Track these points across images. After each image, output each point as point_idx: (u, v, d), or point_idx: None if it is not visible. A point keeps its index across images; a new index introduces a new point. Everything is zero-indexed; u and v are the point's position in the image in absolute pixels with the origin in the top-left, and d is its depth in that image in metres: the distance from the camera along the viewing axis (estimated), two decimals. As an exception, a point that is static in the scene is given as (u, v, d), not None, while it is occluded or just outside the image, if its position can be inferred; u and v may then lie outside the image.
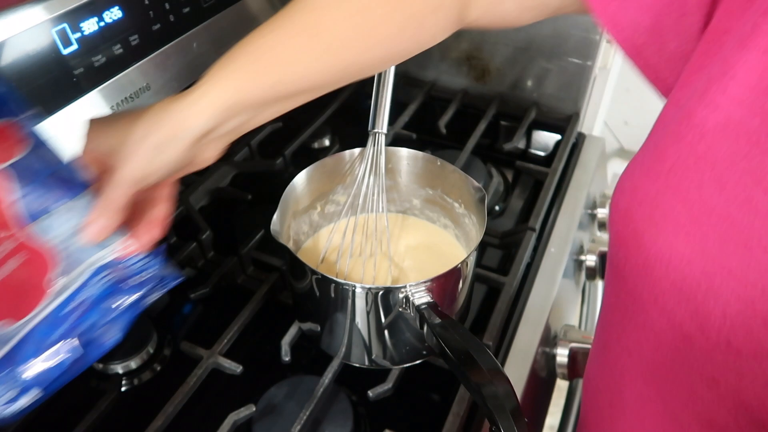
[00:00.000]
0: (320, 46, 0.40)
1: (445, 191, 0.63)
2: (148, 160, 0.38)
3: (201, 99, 0.38)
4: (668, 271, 0.35)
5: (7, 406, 0.38)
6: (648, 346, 0.40)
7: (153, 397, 0.58)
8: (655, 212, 0.35)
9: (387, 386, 0.56)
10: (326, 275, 0.50)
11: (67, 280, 0.40)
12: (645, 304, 0.38)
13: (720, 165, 0.32)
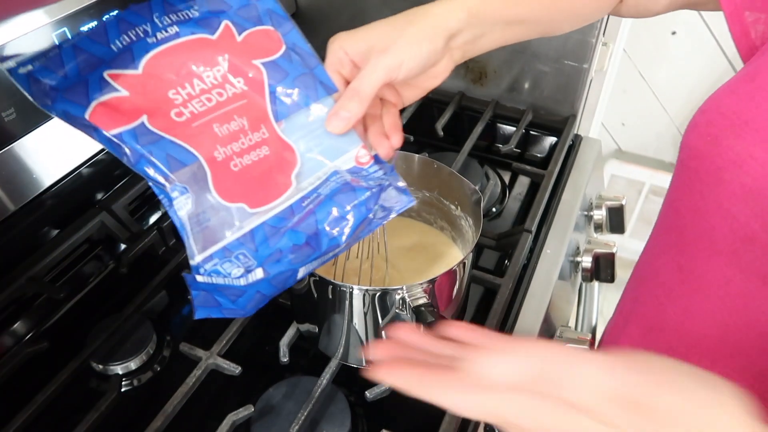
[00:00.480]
0: None
1: (442, 193, 0.64)
2: (409, 47, 0.42)
3: (451, 2, 0.44)
4: (740, 173, 0.38)
5: (240, 279, 0.41)
6: (704, 257, 0.44)
7: (152, 397, 0.59)
8: (736, 121, 0.39)
9: (384, 387, 0.57)
10: (324, 277, 0.51)
11: (304, 183, 0.42)
12: (709, 214, 0.42)
13: None
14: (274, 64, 0.43)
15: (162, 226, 0.71)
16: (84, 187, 0.73)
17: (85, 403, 0.55)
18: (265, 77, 0.43)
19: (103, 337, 0.60)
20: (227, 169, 0.42)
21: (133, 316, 0.63)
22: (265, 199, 0.42)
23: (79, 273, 0.70)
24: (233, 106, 0.43)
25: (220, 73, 0.42)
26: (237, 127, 0.42)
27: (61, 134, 0.64)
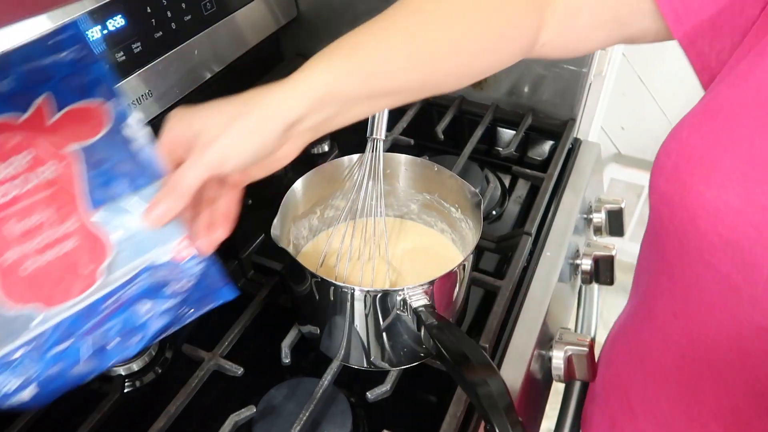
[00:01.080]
0: (412, 47, 0.42)
1: (442, 196, 0.64)
2: (234, 143, 0.38)
3: (298, 85, 0.39)
4: (716, 222, 0.35)
5: (5, 398, 0.36)
6: (693, 303, 0.41)
7: (155, 398, 0.59)
8: (703, 165, 0.36)
9: (385, 388, 0.57)
10: (325, 278, 0.51)
11: (114, 276, 0.38)
12: (691, 263, 0.39)
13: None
14: (93, 147, 0.38)
15: (164, 228, 0.71)
16: (87, 190, 0.73)
17: (88, 404, 0.56)
18: (81, 162, 0.38)
19: (106, 338, 0.60)
20: (16, 272, 0.37)
21: (136, 318, 0.63)
22: (63, 297, 0.37)
23: (82, 275, 0.71)
24: (37, 197, 0.37)
25: (24, 163, 0.37)
26: (38, 221, 0.37)
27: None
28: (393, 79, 0.42)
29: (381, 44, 0.41)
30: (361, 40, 0.42)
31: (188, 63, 0.80)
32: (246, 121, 0.38)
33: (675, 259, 0.41)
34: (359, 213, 0.61)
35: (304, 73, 0.40)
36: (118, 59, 0.69)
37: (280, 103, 0.39)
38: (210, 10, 0.81)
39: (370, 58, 0.41)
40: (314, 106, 0.39)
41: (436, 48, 0.42)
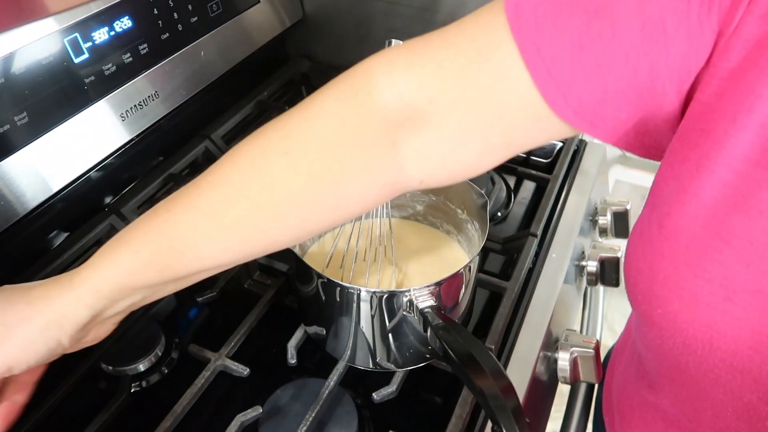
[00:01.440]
0: (219, 226, 0.37)
1: (448, 198, 0.64)
2: (13, 355, 0.35)
3: (83, 284, 0.36)
4: (713, 349, 0.33)
5: None
6: (708, 414, 0.38)
7: (162, 398, 0.59)
8: (683, 295, 0.33)
9: (391, 389, 0.57)
10: (332, 279, 0.51)
11: None
12: (695, 378, 0.36)
13: (738, 242, 0.30)
14: None
15: (170, 229, 0.72)
16: (93, 191, 0.74)
17: (95, 404, 0.56)
18: None
19: (113, 339, 0.60)
20: None
21: (142, 319, 0.63)
22: None
23: (89, 276, 0.71)
24: None
25: None
26: None
27: (71, 138, 0.65)
28: (198, 262, 0.38)
29: (180, 228, 0.37)
30: (156, 225, 0.37)
31: (194, 64, 0.80)
32: (32, 328, 0.35)
33: (675, 371, 0.38)
34: (365, 214, 0.61)
35: (91, 269, 0.37)
36: (125, 60, 0.69)
37: (68, 306, 0.36)
38: (216, 12, 0.82)
39: (171, 237, 0.36)
40: (109, 300, 0.37)
41: (251, 223, 0.37)
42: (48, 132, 0.63)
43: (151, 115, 0.75)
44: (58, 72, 0.62)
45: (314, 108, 0.38)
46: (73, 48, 0.63)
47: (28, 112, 0.60)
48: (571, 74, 0.33)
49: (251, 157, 0.37)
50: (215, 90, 0.86)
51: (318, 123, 0.37)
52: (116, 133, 0.71)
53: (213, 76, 0.84)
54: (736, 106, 0.29)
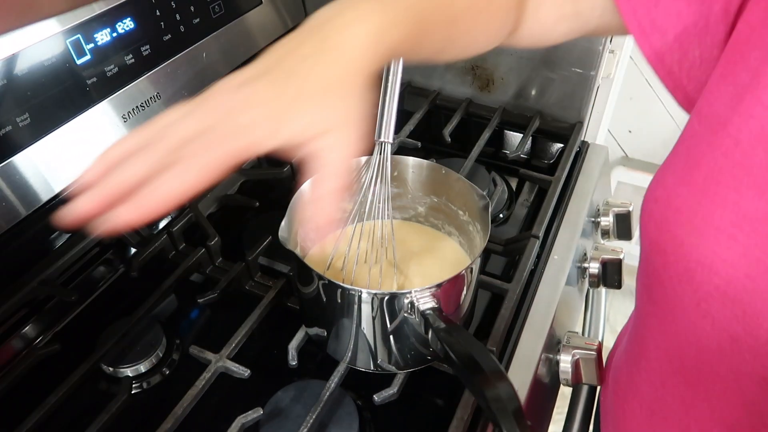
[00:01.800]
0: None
1: (450, 199, 0.64)
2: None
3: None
4: (711, 275, 0.35)
5: None
6: (691, 351, 0.40)
7: (162, 400, 0.60)
8: (694, 219, 0.36)
9: (392, 390, 0.57)
10: (333, 280, 0.51)
11: None
12: (686, 310, 0.38)
13: (757, 171, 0.33)
14: None
15: (172, 230, 0.72)
16: (95, 192, 0.74)
17: (96, 406, 0.56)
18: None
19: (114, 340, 0.60)
20: None
21: (143, 320, 0.63)
22: None
23: (90, 276, 0.71)
24: None
25: None
26: None
27: (73, 139, 0.65)
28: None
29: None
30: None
31: (197, 65, 0.80)
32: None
33: (668, 305, 0.41)
34: (366, 215, 0.61)
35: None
36: (127, 62, 0.70)
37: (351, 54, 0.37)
38: (218, 13, 0.82)
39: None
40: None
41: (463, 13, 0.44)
42: (50, 133, 0.63)
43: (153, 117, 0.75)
44: (60, 73, 0.62)
45: None
46: (76, 49, 0.63)
47: (30, 114, 0.60)
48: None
49: None
50: (217, 91, 0.86)
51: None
52: (118, 135, 0.71)
53: (215, 77, 0.84)
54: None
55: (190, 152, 0.34)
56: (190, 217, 0.74)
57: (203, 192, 0.50)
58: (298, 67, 0.35)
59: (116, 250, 0.74)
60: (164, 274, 0.67)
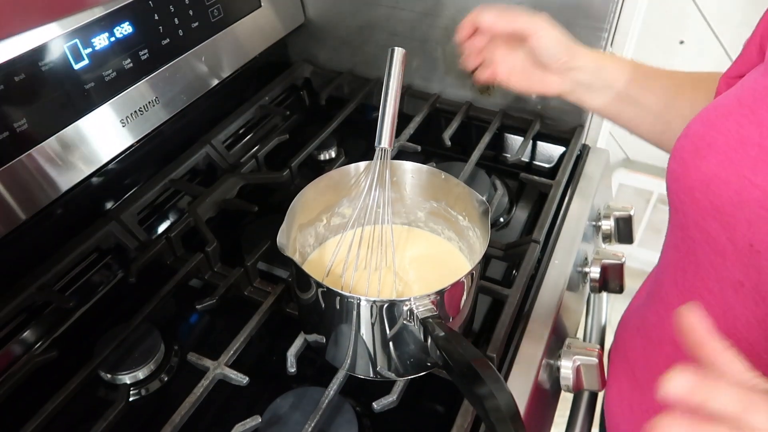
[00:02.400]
0: (666, 81, 0.62)
1: (450, 204, 0.64)
2: (547, 34, 0.60)
3: (587, 51, 0.62)
4: (707, 192, 0.43)
5: None
6: (690, 268, 0.49)
7: (160, 407, 0.59)
8: (700, 146, 0.44)
9: (392, 398, 0.57)
10: (332, 288, 0.51)
11: None
12: (690, 230, 0.47)
13: (760, 112, 0.42)
14: None
15: (170, 235, 0.71)
16: (93, 197, 0.73)
17: (93, 413, 0.56)
18: None
19: (112, 346, 0.60)
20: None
21: (141, 326, 0.63)
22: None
23: (88, 282, 0.71)
24: None
25: None
26: None
27: (71, 144, 0.65)
28: (645, 92, 0.60)
29: (649, 68, 0.61)
30: (637, 62, 0.62)
31: (195, 69, 0.80)
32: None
33: (678, 229, 0.49)
34: (366, 221, 0.60)
35: (593, 51, 0.61)
36: (126, 66, 0.69)
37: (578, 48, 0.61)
38: (217, 17, 0.82)
39: (639, 69, 0.60)
40: (590, 68, 0.59)
41: (681, 92, 0.60)
42: (48, 138, 0.62)
43: (152, 121, 0.75)
44: (58, 78, 0.62)
45: None
46: (73, 54, 0.63)
47: (27, 119, 0.60)
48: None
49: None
50: (216, 95, 0.85)
51: None
52: (117, 139, 0.71)
53: (214, 81, 0.84)
54: None
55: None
56: (189, 221, 0.74)
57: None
58: None
59: (115, 256, 0.73)
60: (163, 280, 0.66)
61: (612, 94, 0.61)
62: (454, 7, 0.88)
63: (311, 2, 0.99)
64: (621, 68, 0.60)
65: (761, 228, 0.41)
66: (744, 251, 0.42)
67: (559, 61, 0.60)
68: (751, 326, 0.44)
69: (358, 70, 1.02)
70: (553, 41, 0.59)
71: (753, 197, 0.41)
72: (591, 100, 0.62)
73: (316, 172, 0.63)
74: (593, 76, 0.60)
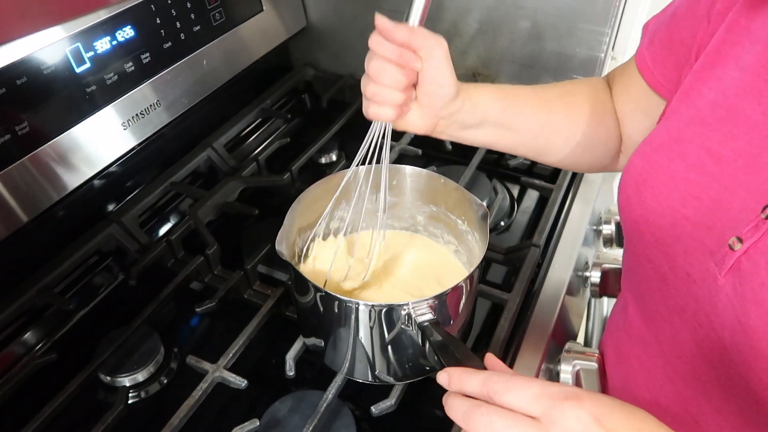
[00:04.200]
0: (536, 102, 0.59)
1: (449, 208, 0.64)
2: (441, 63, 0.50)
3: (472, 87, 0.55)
4: (648, 225, 0.46)
5: None
6: (647, 293, 0.51)
7: (159, 409, 0.59)
8: (638, 181, 0.47)
9: (390, 402, 0.57)
10: (330, 292, 0.51)
11: None
12: (639, 258, 0.50)
13: (684, 143, 0.44)
14: None
15: (171, 238, 0.71)
16: (95, 200, 0.74)
17: (93, 415, 0.56)
18: None
19: (111, 348, 0.60)
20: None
21: (141, 328, 0.63)
22: None
23: (89, 284, 0.71)
24: None
25: None
26: None
27: (73, 147, 0.65)
28: (518, 118, 0.58)
29: (519, 92, 0.59)
30: (506, 87, 0.59)
31: (197, 73, 0.80)
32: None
33: (632, 255, 0.52)
34: (365, 225, 0.60)
35: (464, 86, 0.54)
36: (127, 69, 0.70)
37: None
38: (219, 21, 0.82)
39: (509, 96, 0.58)
40: (465, 106, 0.54)
41: (553, 110, 0.60)
42: (49, 141, 0.63)
43: (154, 124, 0.76)
44: (60, 81, 0.62)
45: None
46: (75, 58, 0.63)
47: (29, 122, 0.60)
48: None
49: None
50: (218, 98, 0.86)
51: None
52: (118, 142, 0.71)
53: (216, 84, 0.84)
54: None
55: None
56: (190, 224, 0.74)
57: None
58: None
59: (115, 258, 0.74)
60: (163, 283, 0.66)
61: (487, 126, 0.57)
62: (455, 11, 0.88)
63: (313, 6, 0.99)
64: (492, 99, 0.56)
65: (695, 258, 0.43)
66: (683, 280, 0.44)
67: (445, 96, 0.52)
68: (693, 350, 0.45)
69: (360, 74, 1.01)
70: (447, 67, 0.51)
71: (685, 230, 0.43)
72: (466, 136, 0.57)
73: (317, 176, 0.62)
74: (467, 113, 0.54)
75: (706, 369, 0.45)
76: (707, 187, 0.42)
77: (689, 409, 0.49)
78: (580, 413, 0.33)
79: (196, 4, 0.77)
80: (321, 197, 0.62)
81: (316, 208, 0.63)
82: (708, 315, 0.42)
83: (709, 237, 0.42)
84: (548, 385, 0.36)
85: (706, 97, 0.44)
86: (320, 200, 0.62)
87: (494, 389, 0.37)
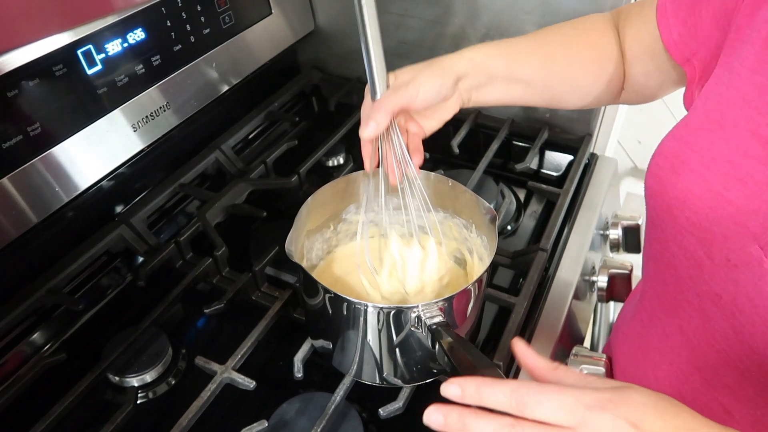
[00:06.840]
0: (538, 54, 0.59)
1: (457, 211, 0.64)
2: (421, 84, 0.52)
3: (461, 55, 0.56)
4: (684, 209, 0.45)
5: None
6: (671, 281, 0.50)
7: (167, 410, 0.60)
8: (675, 164, 0.46)
9: (398, 404, 0.57)
10: (339, 294, 0.51)
11: None
12: (669, 244, 0.48)
13: (727, 126, 0.43)
14: None
15: (179, 239, 0.72)
16: (104, 201, 0.74)
17: (101, 415, 0.56)
18: None
19: (120, 349, 0.60)
20: None
21: (150, 329, 0.63)
22: None
23: (98, 285, 0.71)
24: None
25: None
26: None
27: (83, 149, 0.66)
28: (526, 69, 0.58)
29: (520, 46, 0.59)
30: (508, 42, 0.59)
31: (206, 75, 0.81)
32: (431, 69, 0.53)
33: (657, 243, 0.51)
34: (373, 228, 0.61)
35: (466, 50, 0.56)
36: (138, 72, 0.70)
37: (453, 60, 0.55)
38: (228, 24, 0.82)
39: (512, 51, 0.58)
40: (471, 70, 0.55)
41: (555, 60, 0.60)
42: (60, 143, 0.63)
43: (163, 126, 0.76)
44: (71, 83, 0.63)
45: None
46: (87, 59, 0.64)
47: (40, 123, 0.60)
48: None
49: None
50: (226, 101, 0.86)
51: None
52: (128, 144, 0.72)
53: (224, 87, 0.85)
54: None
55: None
56: (198, 226, 0.74)
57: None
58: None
59: (124, 260, 0.74)
60: (171, 284, 0.67)
61: (498, 82, 0.58)
62: (463, 15, 0.88)
63: (321, 10, 1.00)
64: (494, 55, 0.58)
65: (736, 242, 0.42)
66: (721, 265, 0.43)
67: (445, 96, 0.55)
68: (729, 337, 0.45)
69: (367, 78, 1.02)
70: (431, 90, 0.53)
71: (727, 213, 0.42)
72: (485, 96, 0.59)
73: (325, 179, 0.63)
74: (476, 75, 0.56)
75: (743, 355, 0.44)
76: (753, 170, 0.41)
77: (720, 399, 0.48)
78: (617, 422, 0.33)
79: (206, 7, 0.78)
80: (330, 200, 0.62)
81: (324, 211, 0.63)
82: (751, 299, 0.42)
83: (754, 220, 0.41)
84: (582, 394, 0.35)
85: (751, 79, 0.43)
86: (329, 203, 0.63)
87: (524, 401, 0.35)
